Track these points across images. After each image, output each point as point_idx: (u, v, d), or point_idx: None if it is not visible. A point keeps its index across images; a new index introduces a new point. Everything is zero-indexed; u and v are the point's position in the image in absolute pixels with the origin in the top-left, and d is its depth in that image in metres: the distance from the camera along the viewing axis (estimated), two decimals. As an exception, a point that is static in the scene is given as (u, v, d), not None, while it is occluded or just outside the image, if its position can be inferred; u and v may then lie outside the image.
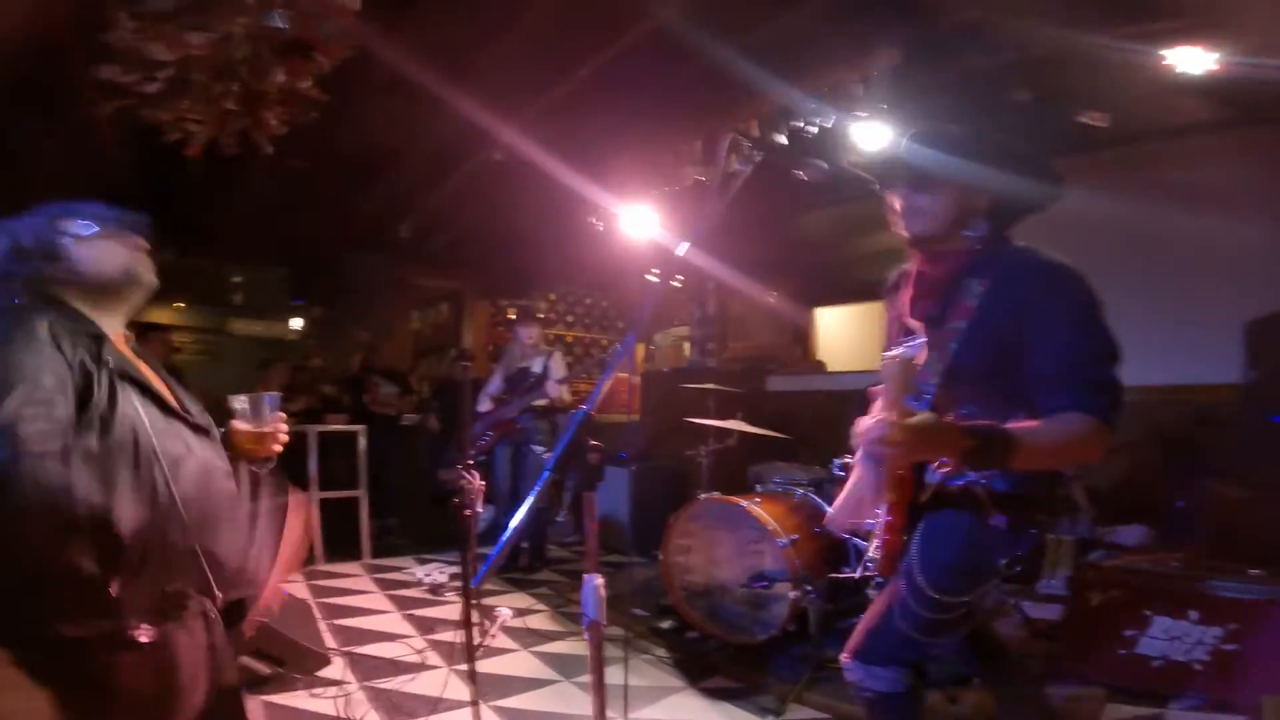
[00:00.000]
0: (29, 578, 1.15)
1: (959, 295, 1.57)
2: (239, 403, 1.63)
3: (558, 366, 4.95)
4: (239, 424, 1.62)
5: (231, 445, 1.60)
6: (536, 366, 4.98)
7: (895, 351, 1.21)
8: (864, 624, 1.75)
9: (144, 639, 1.25)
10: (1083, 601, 2.98)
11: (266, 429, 1.63)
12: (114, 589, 1.22)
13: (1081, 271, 1.49)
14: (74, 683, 1.22)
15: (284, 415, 1.67)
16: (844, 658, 1.75)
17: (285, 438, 1.67)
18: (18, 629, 1.18)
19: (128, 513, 1.24)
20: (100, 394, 1.26)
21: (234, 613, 1.52)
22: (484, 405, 5.10)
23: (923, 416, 1.36)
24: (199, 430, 1.44)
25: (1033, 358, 1.45)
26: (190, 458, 1.38)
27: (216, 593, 1.37)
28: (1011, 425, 1.36)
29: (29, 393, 1.16)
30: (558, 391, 4.78)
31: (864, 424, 1.34)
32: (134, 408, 1.30)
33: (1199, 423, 3.93)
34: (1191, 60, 3.18)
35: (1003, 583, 1.63)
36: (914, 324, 1.70)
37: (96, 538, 1.21)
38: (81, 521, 1.17)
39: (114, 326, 1.44)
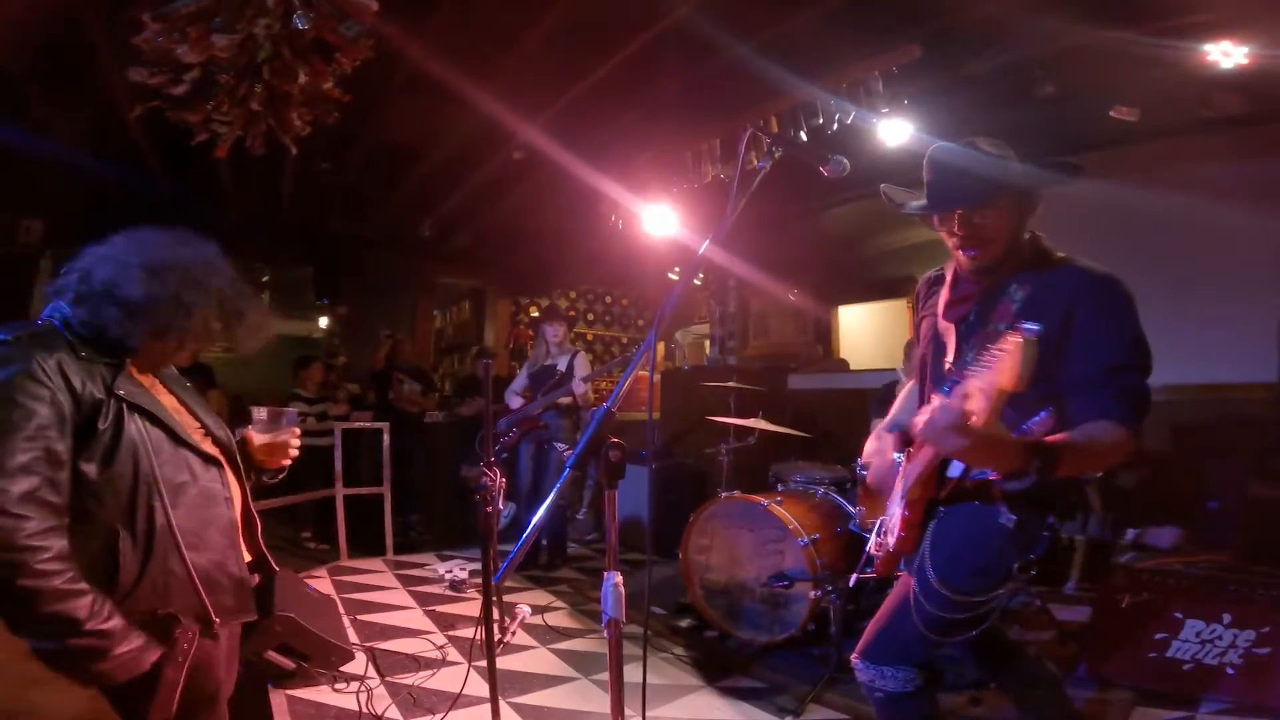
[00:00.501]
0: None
1: (999, 300, 1.56)
2: (258, 413, 1.68)
3: (582, 365, 4.98)
4: (254, 434, 1.66)
5: (244, 454, 1.63)
6: (561, 365, 5.01)
7: (1024, 328, 1.14)
8: (874, 624, 1.74)
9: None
10: (1112, 604, 2.92)
11: (280, 440, 1.68)
12: None
13: (1126, 282, 1.49)
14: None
15: (298, 430, 1.72)
16: (854, 658, 1.74)
17: (296, 451, 1.72)
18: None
19: (124, 538, 1.27)
20: (105, 424, 1.28)
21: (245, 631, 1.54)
22: (511, 402, 5.14)
23: (1000, 426, 1.28)
24: (207, 459, 1.45)
25: (1073, 361, 1.45)
26: (193, 486, 1.40)
27: (214, 618, 1.38)
28: (1056, 438, 1.34)
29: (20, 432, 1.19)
30: (582, 389, 4.79)
31: (938, 404, 1.26)
32: (139, 436, 1.32)
33: (1233, 422, 3.84)
34: (1223, 54, 3.11)
35: (1028, 585, 1.59)
36: (946, 326, 1.68)
37: (90, 560, 1.24)
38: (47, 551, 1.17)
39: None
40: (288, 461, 1.71)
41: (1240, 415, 3.81)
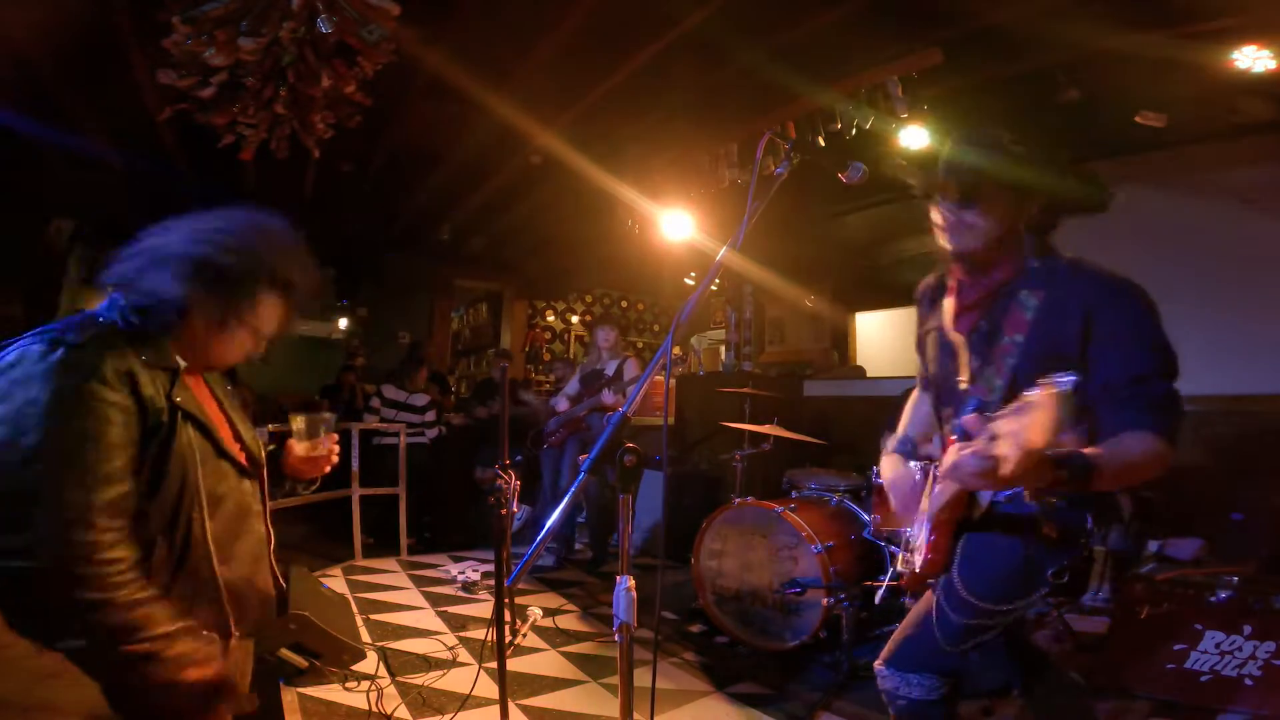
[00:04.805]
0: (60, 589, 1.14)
1: (1011, 308, 1.52)
2: (297, 422, 1.64)
3: (632, 369, 5.04)
4: (295, 444, 1.64)
5: (283, 462, 1.63)
6: (610, 369, 5.09)
7: (1057, 381, 1.12)
8: (900, 631, 1.71)
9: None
10: (1131, 614, 2.88)
11: (320, 451, 1.64)
12: None
13: (1143, 287, 1.45)
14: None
15: (336, 437, 1.68)
16: (878, 665, 1.72)
17: (335, 459, 1.69)
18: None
19: (161, 547, 1.26)
20: (162, 433, 1.28)
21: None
22: (559, 404, 5.24)
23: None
24: (243, 471, 1.45)
25: (1098, 369, 1.41)
26: (229, 499, 1.40)
27: (233, 630, 1.37)
28: (1091, 451, 1.30)
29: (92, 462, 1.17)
30: (612, 399, 4.81)
31: (959, 450, 1.26)
32: (189, 445, 1.32)
33: (1259, 434, 3.76)
34: (1251, 59, 3.07)
35: (1049, 594, 1.56)
36: (956, 338, 1.64)
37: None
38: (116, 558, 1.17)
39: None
40: (326, 470, 1.69)
41: (1267, 427, 3.74)
